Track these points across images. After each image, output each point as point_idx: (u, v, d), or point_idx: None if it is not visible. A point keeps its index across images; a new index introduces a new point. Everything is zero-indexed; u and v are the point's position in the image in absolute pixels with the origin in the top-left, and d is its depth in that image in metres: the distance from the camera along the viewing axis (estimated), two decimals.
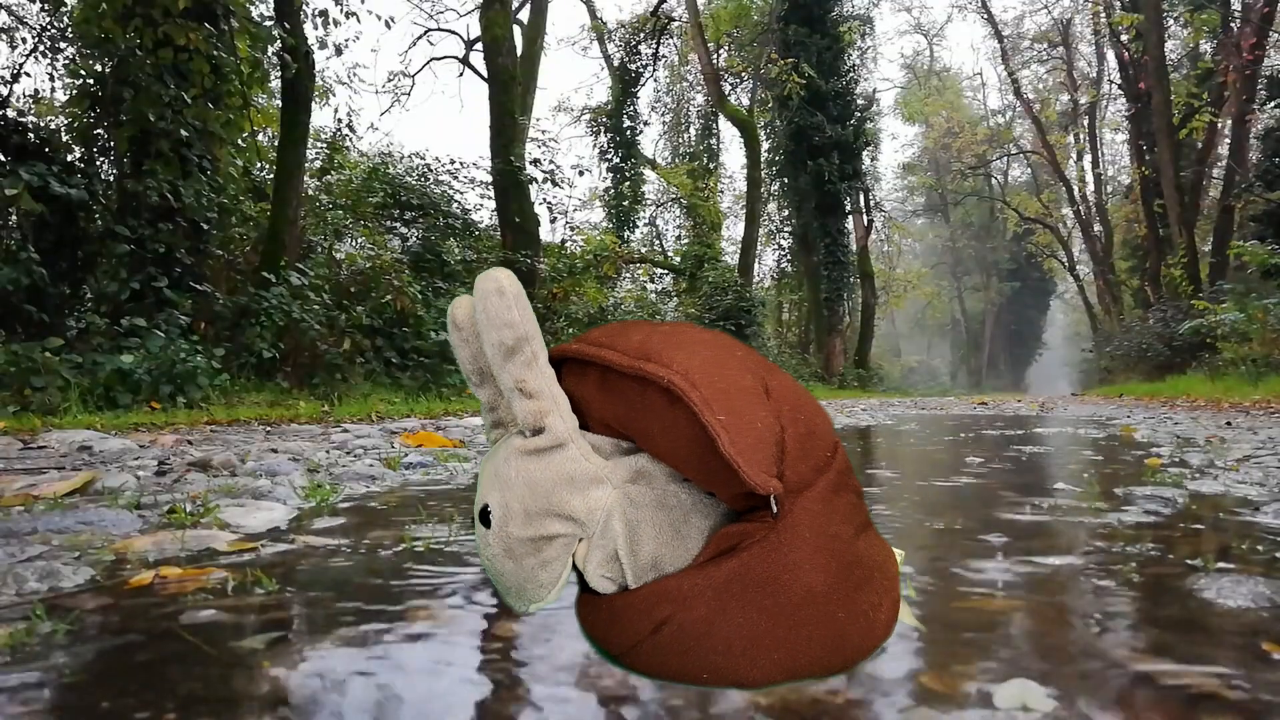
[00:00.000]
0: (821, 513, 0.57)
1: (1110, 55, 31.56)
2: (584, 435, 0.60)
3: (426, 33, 24.62)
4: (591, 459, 0.58)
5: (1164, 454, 3.47)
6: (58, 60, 10.47)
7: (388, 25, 12.86)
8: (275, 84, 11.94)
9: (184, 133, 8.73)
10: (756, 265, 28.06)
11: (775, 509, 0.56)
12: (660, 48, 28.69)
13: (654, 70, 29.20)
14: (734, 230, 32.19)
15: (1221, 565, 1.38)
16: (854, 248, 27.76)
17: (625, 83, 27.96)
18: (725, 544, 0.57)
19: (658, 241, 29.81)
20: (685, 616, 0.56)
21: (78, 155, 9.17)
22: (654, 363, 0.55)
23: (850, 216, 27.69)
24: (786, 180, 26.65)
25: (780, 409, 0.57)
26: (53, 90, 11.06)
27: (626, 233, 26.55)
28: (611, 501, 0.58)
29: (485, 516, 0.60)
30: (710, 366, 0.56)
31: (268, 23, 10.58)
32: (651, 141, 33.72)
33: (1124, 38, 25.82)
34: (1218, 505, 2.07)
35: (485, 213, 17.33)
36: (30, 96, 10.89)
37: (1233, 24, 21.36)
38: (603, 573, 0.59)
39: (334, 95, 19.40)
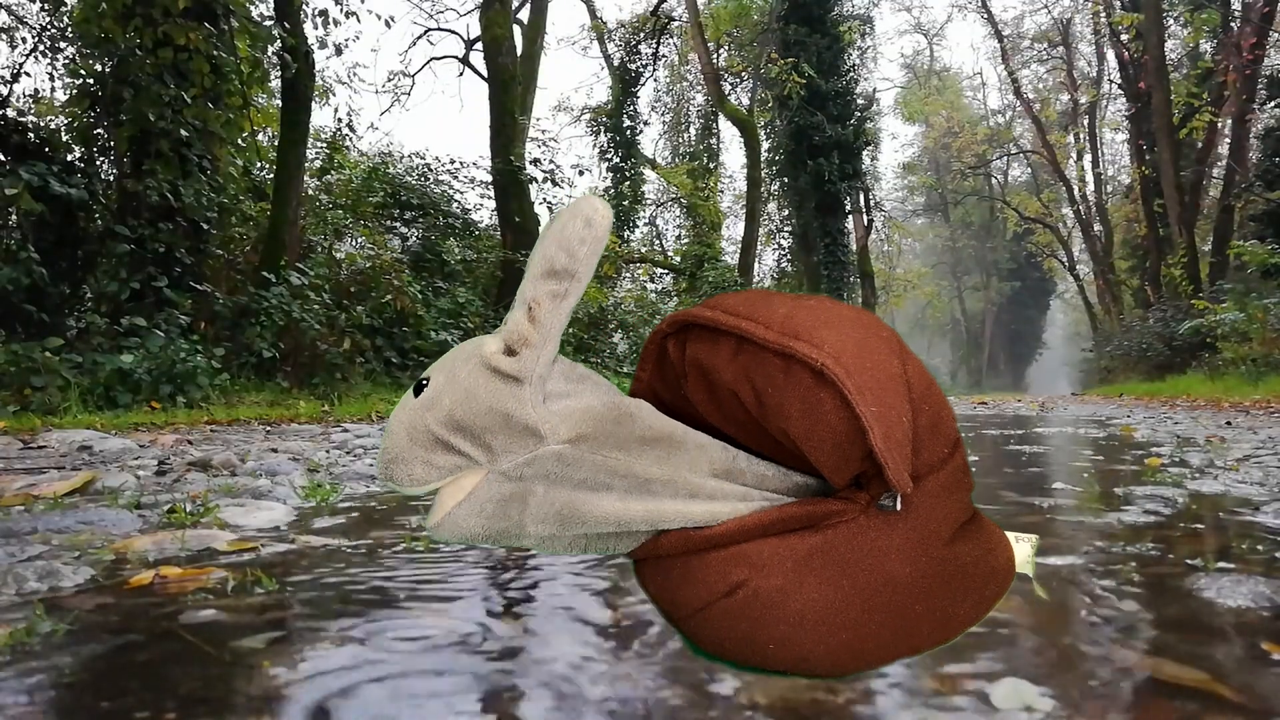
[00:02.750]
0: (923, 506, 0.57)
1: (1110, 55, 31.55)
2: (562, 361, 0.58)
3: (426, 32, 24.60)
4: (539, 409, 0.55)
5: (1164, 454, 3.47)
6: (58, 60, 10.47)
7: (388, 25, 12.86)
8: (275, 84, 11.93)
9: (184, 133, 8.73)
10: (756, 265, 28.03)
11: (898, 506, 0.56)
12: (660, 48, 28.67)
13: (654, 70, 29.18)
14: (734, 230, 32.17)
15: (1221, 565, 1.38)
16: (854, 247, 27.74)
17: (625, 83, 27.94)
18: (810, 520, 0.56)
19: (658, 241, 29.79)
20: (761, 583, 0.55)
21: (78, 155, 9.16)
22: (804, 341, 0.53)
23: (850, 216, 27.67)
24: (786, 180, 26.62)
25: (912, 394, 0.56)
26: (53, 90, 11.05)
27: (626, 232, 26.52)
28: (539, 455, 0.56)
29: (420, 388, 0.58)
30: (861, 349, 0.54)
31: (268, 23, 10.57)
32: (651, 141, 33.70)
33: (1124, 37, 25.80)
34: (1218, 505, 2.07)
35: (485, 212, 17.33)
36: (30, 96, 10.88)
37: (1233, 24, 21.34)
38: (487, 510, 0.57)
39: (334, 95, 19.36)
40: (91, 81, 8.91)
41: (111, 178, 9.14)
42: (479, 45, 18.74)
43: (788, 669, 0.58)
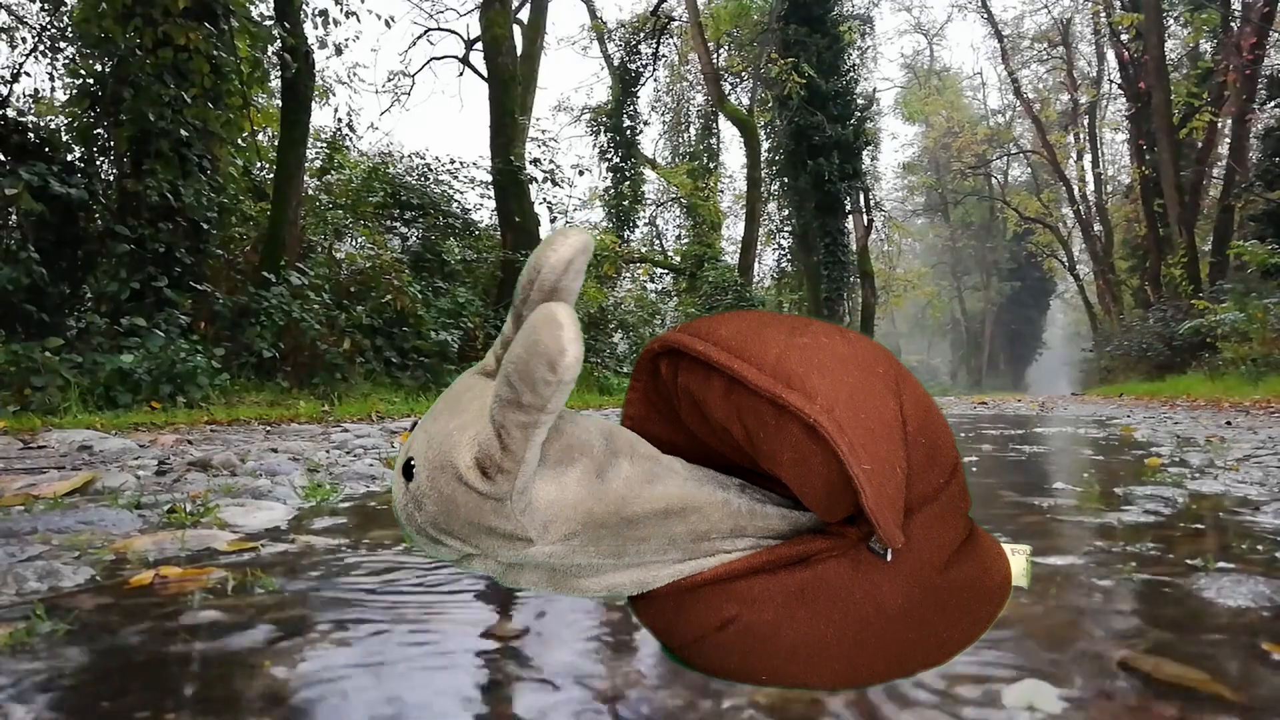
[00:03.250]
0: (916, 537, 0.56)
1: (1110, 55, 31.56)
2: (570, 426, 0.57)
3: (426, 32, 24.59)
4: (524, 516, 0.53)
5: (1164, 454, 3.47)
6: (58, 60, 10.46)
7: (388, 25, 12.87)
8: (275, 84, 11.93)
9: (184, 133, 8.73)
10: (756, 265, 28.03)
11: (889, 557, 0.55)
12: (660, 47, 28.67)
13: (654, 70, 29.19)
14: (734, 230, 32.16)
15: (1221, 565, 1.38)
16: (854, 247, 27.74)
17: (625, 82, 27.94)
18: (800, 558, 0.57)
19: (658, 241, 29.79)
20: (752, 618, 0.56)
21: (78, 155, 9.16)
22: (796, 390, 0.52)
23: (850, 216, 27.68)
24: (786, 180, 26.62)
25: (907, 431, 0.55)
26: (53, 90, 11.04)
27: (626, 232, 26.54)
28: (530, 554, 0.55)
29: (409, 470, 0.55)
30: (854, 396, 0.52)
31: (268, 22, 10.57)
32: (651, 141, 33.75)
33: (1124, 37, 25.80)
34: (1218, 505, 2.07)
35: (485, 212, 17.33)
36: (30, 96, 10.86)
37: (1233, 24, 21.35)
38: (487, 567, 0.59)
39: (334, 95, 19.42)
40: (91, 81, 8.90)
41: (111, 178, 9.13)
42: (479, 45, 18.74)
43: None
